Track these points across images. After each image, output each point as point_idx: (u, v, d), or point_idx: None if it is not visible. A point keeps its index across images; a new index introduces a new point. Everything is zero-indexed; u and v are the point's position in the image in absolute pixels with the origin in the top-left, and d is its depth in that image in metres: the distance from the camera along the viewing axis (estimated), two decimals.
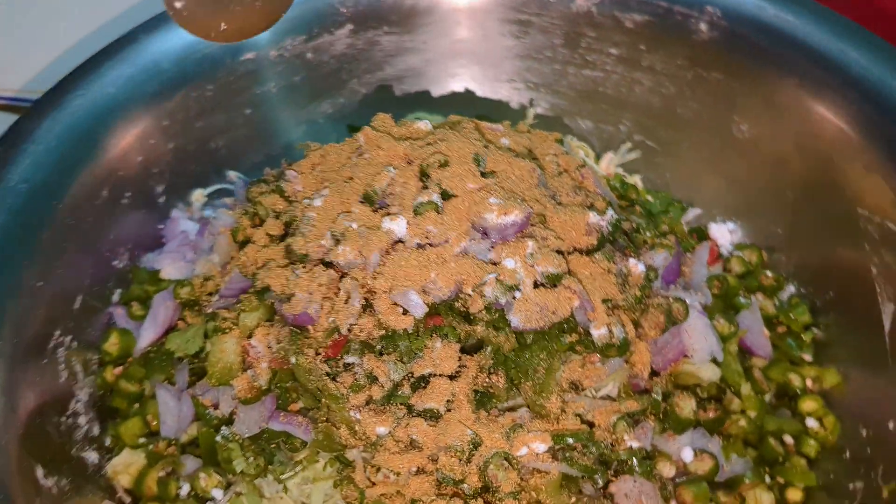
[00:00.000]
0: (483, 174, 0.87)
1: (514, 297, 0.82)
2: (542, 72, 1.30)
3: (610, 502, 0.84)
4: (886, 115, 0.98)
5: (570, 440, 0.83)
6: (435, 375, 0.84)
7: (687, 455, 0.88)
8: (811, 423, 0.95)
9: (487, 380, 0.85)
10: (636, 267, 0.91)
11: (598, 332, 0.85)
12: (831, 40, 1.04)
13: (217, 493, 0.87)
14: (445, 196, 0.84)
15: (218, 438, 0.88)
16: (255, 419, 0.86)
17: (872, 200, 0.97)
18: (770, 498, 0.89)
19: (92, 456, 0.93)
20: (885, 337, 0.91)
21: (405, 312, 0.81)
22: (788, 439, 0.95)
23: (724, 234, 1.18)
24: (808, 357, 1.01)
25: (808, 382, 0.99)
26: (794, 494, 0.90)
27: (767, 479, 0.90)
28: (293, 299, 0.84)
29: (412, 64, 1.31)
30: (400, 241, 0.84)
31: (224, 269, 0.98)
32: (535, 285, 0.83)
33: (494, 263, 0.83)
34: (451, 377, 0.84)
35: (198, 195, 1.19)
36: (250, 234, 0.96)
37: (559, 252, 0.86)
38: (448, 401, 0.84)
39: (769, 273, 1.11)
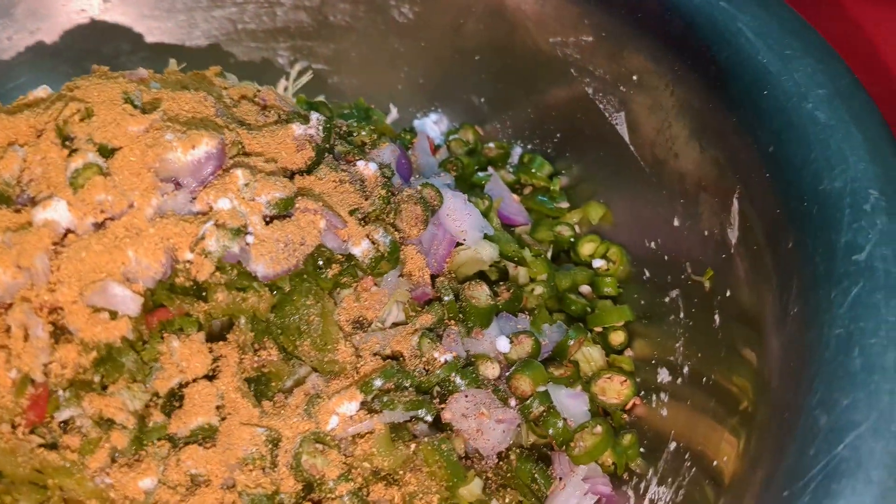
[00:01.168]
0: (143, 112, 0.66)
1: (246, 243, 0.63)
2: (167, 29, 1.11)
3: (451, 432, 0.70)
4: None
5: (379, 382, 0.67)
6: (187, 384, 0.63)
7: (503, 345, 0.77)
8: (598, 262, 0.89)
9: (256, 360, 0.66)
10: (367, 168, 0.77)
11: (361, 249, 0.70)
12: None
13: None
14: (105, 152, 0.62)
15: None
16: None
17: (559, 25, 0.92)
18: (598, 350, 0.81)
19: None
20: (628, 146, 0.87)
21: (114, 316, 0.59)
22: (586, 289, 0.87)
23: (430, 126, 1.08)
24: (564, 205, 0.95)
25: (577, 228, 0.92)
26: (618, 336, 0.83)
27: (587, 334, 0.82)
28: None
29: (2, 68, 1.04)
30: (69, 231, 0.61)
31: None
32: (266, 221, 0.65)
33: (204, 213, 0.64)
34: (210, 377, 0.64)
35: None
36: None
37: (278, 175, 0.68)
38: (218, 407, 0.64)
39: (491, 144, 1.03)
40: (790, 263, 0.61)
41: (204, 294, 0.64)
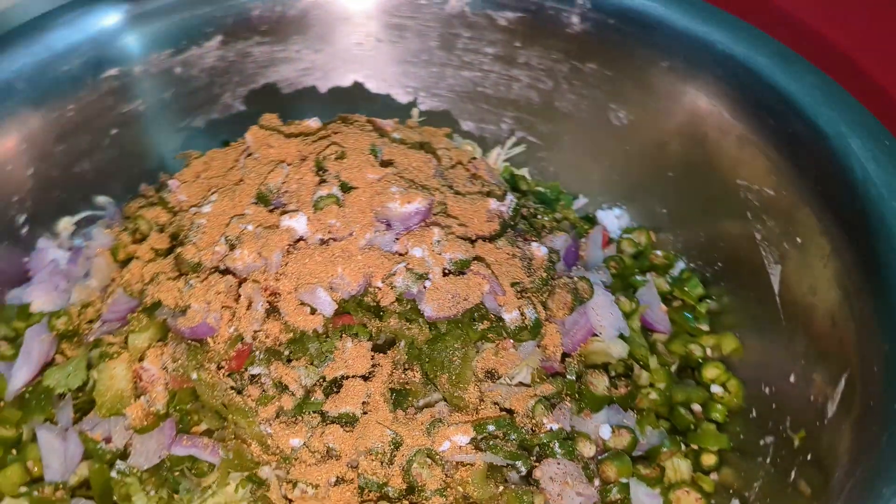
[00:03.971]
0: (381, 164, 0.84)
1: (424, 287, 0.79)
2: (419, 76, 1.30)
3: (536, 488, 0.83)
4: (752, 90, 1.03)
5: (492, 428, 0.81)
6: (348, 377, 0.80)
7: (605, 432, 0.88)
8: (716, 388, 0.97)
9: (403, 376, 0.82)
10: (539, 250, 0.91)
11: (510, 316, 0.84)
12: (696, 23, 1.09)
13: None
14: (345, 188, 0.81)
15: (113, 474, 0.80)
16: (154, 448, 0.80)
17: (749, 170, 1.02)
18: (687, 465, 0.90)
19: None
20: (776, 297, 0.95)
21: (313, 312, 0.77)
22: (697, 407, 0.97)
23: (611, 220, 1.20)
24: (704, 327, 1.04)
25: (709, 351, 1.01)
26: (709, 458, 0.91)
27: (682, 447, 0.92)
28: (189, 311, 0.78)
29: (287, 74, 1.27)
30: (301, 238, 0.80)
31: (105, 293, 0.91)
32: (444, 273, 0.81)
33: (401, 254, 0.80)
34: (365, 378, 0.81)
35: (65, 224, 1.10)
36: (133, 250, 0.89)
37: (464, 239, 0.84)
38: (364, 402, 0.80)
39: (659, 252, 1.13)
40: (862, 454, 0.68)
41: (381, 314, 0.80)
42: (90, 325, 0.90)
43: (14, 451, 0.87)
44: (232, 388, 0.79)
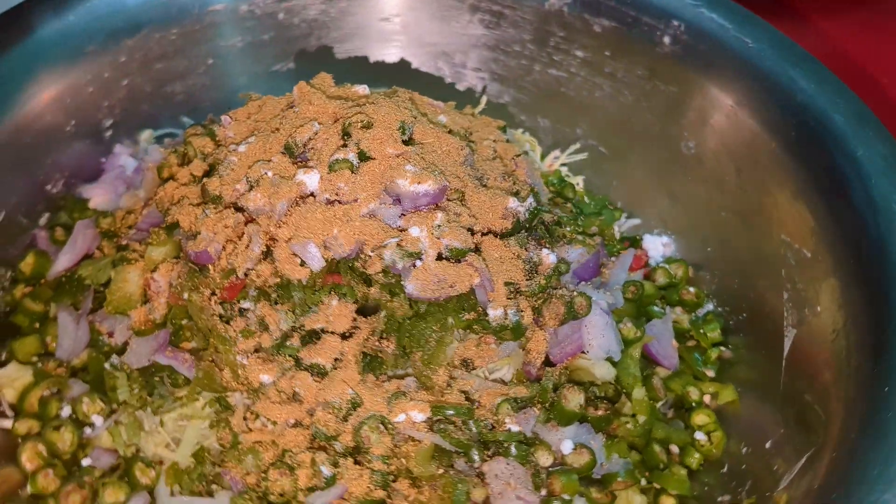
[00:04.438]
0: (406, 142, 0.87)
1: (413, 265, 0.82)
2: (508, 65, 1.31)
3: (480, 480, 0.85)
4: (823, 147, 0.98)
5: (450, 413, 0.83)
6: (327, 332, 0.85)
7: (566, 447, 0.88)
8: (700, 436, 0.95)
9: (378, 344, 0.86)
10: (548, 257, 0.92)
11: (495, 313, 0.86)
12: (784, 65, 1.05)
13: (97, 420, 0.87)
14: (363, 157, 0.85)
15: (107, 366, 0.88)
16: (146, 352, 0.87)
17: (794, 227, 0.98)
18: (642, 500, 0.89)
19: None
20: (782, 361, 0.92)
21: (303, 264, 0.82)
22: (675, 448, 0.95)
23: (657, 246, 1.18)
24: (710, 373, 1.02)
25: (706, 398, 0.99)
26: (667, 501, 0.90)
27: (644, 482, 0.91)
28: (198, 237, 0.85)
29: (379, 38, 1.32)
30: (311, 194, 0.84)
31: (146, 204, 0.99)
32: (439, 258, 0.84)
33: (401, 230, 0.84)
34: (344, 336, 0.85)
35: (146, 135, 1.19)
36: (175, 171, 0.96)
37: (470, 230, 0.86)
38: (336, 359, 0.84)
39: (691, 289, 1.11)
40: None
41: (368, 280, 0.84)
42: (128, 231, 0.98)
43: (38, 325, 0.96)
44: (220, 315, 0.85)
